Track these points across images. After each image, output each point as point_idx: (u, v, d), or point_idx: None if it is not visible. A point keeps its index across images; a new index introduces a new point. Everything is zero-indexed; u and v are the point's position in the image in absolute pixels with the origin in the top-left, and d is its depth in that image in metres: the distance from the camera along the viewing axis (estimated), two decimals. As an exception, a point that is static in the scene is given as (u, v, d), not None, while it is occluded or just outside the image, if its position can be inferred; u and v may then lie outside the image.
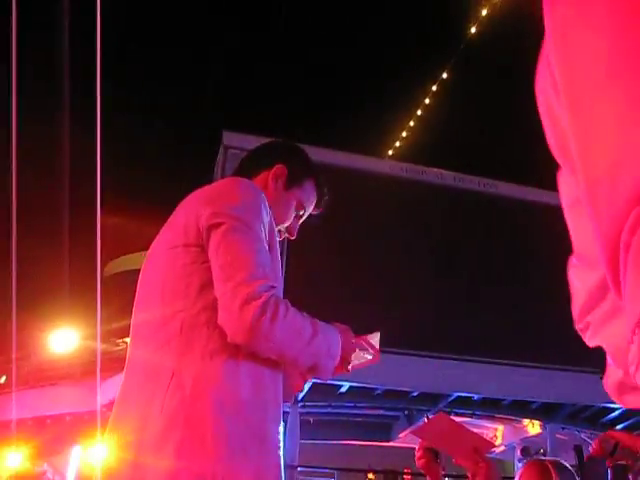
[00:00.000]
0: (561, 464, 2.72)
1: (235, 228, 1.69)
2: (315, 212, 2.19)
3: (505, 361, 10.47)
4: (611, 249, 0.63)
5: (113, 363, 13.40)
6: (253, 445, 1.60)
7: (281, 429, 1.69)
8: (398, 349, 9.81)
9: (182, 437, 1.53)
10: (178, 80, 18.16)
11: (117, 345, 16.05)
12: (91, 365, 13.29)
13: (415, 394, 10.62)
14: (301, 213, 2.11)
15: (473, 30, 13.70)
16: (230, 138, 10.68)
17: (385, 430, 12.44)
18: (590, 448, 2.60)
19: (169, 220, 1.89)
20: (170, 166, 19.48)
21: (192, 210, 1.76)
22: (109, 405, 11.13)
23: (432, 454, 2.45)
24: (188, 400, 1.56)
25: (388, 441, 12.45)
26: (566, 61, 0.69)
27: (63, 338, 14.90)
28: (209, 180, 10.94)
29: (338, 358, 1.78)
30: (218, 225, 1.69)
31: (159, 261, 1.80)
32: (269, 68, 18.99)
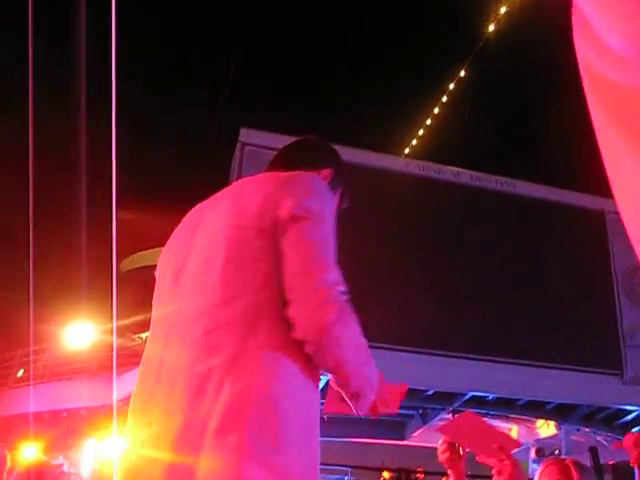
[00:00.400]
0: (581, 463, 2.70)
1: (316, 225, 1.70)
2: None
3: (521, 361, 10.43)
4: None
5: (129, 358, 13.48)
6: (303, 443, 1.59)
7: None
8: (413, 347, 9.81)
9: (251, 425, 1.50)
10: (195, 77, 18.21)
11: (133, 340, 16.14)
12: (107, 360, 13.37)
13: (430, 393, 10.60)
14: None
15: (491, 28, 13.63)
16: (247, 135, 10.71)
17: (399, 428, 12.43)
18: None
19: (227, 198, 1.85)
20: (186, 163, 19.54)
21: (270, 196, 1.73)
22: (125, 399, 11.19)
23: (455, 448, 2.45)
24: (256, 389, 1.53)
25: (402, 439, 12.44)
26: None
27: (80, 333, 15.01)
28: (225, 177, 10.96)
29: (374, 395, 1.78)
30: (300, 218, 1.68)
31: (218, 238, 1.75)
32: (287, 66, 19.00)
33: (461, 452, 2.47)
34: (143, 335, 16.32)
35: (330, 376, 1.73)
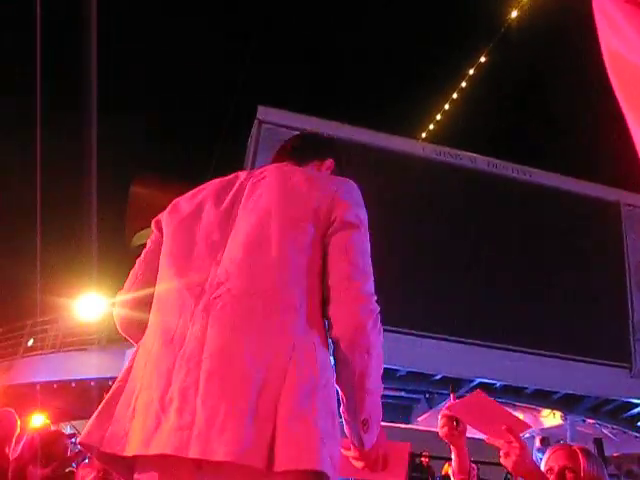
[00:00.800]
0: (588, 450, 2.70)
1: (364, 234, 1.80)
2: None
3: (529, 350, 10.43)
4: None
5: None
6: (340, 434, 1.64)
7: None
8: (423, 332, 9.82)
9: (317, 414, 1.54)
10: (213, 56, 18.17)
11: (143, 314, 16.23)
12: (117, 332, 13.43)
13: (438, 377, 10.62)
14: None
15: (513, 14, 13.51)
16: (265, 113, 10.70)
17: (406, 412, 12.47)
18: None
19: (273, 184, 1.88)
20: (202, 140, 19.54)
21: (326, 195, 1.80)
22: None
23: (453, 424, 2.45)
24: (318, 377, 1.59)
25: (408, 423, 12.48)
26: None
27: (91, 304, 15.08)
28: (242, 154, 10.97)
29: (375, 438, 1.81)
30: (353, 225, 1.77)
31: (272, 223, 1.77)
32: (307, 48, 18.93)
33: (460, 427, 2.47)
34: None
35: (345, 398, 1.75)
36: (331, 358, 1.68)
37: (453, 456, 2.56)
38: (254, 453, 1.47)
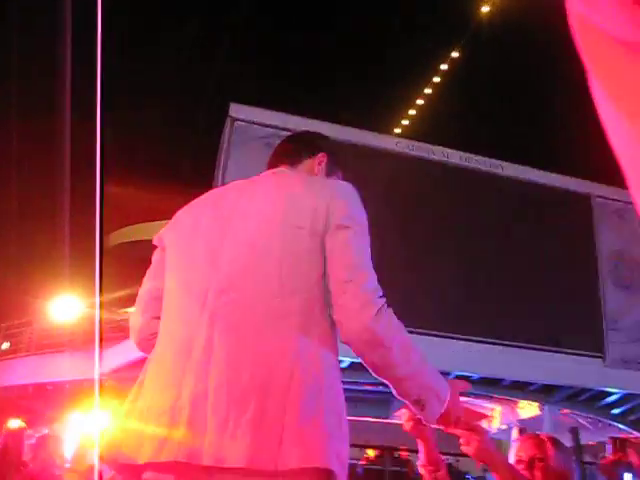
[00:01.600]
0: (557, 439, 2.75)
1: (361, 235, 1.85)
2: None
3: (505, 342, 10.52)
4: None
5: (114, 332, 13.48)
6: (348, 434, 1.68)
7: None
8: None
9: (324, 418, 1.58)
10: (185, 50, 18.07)
11: (119, 315, 16.13)
12: (92, 334, 13.35)
13: (414, 372, 10.65)
14: None
15: (484, 10, 13.60)
16: (237, 110, 10.67)
17: (384, 406, 12.51)
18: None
19: (271, 191, 1.93)
20: (176, 138, 19.46)
21: (322, 200, 1.84)
22: (109, 374, 11.11)
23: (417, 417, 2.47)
24: (322, 378, 1.63)
25: (387, 417, 12.53)
26: None
27: (66, 306, 14.98)
28: (215, 152, 10.93)
29: (445, 405, 1.85)
30: (348, 227, 1.81)
31: (272, 230, 1.82)
32: (276, 42, 18.89)
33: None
34: (129, 310, 16.31)
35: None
36: (338, 360, 1.72)
37: (420, 449, 2.59)
38: (264, 456, 1.51)
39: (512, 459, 2.71)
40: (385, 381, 1.79)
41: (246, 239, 1.82)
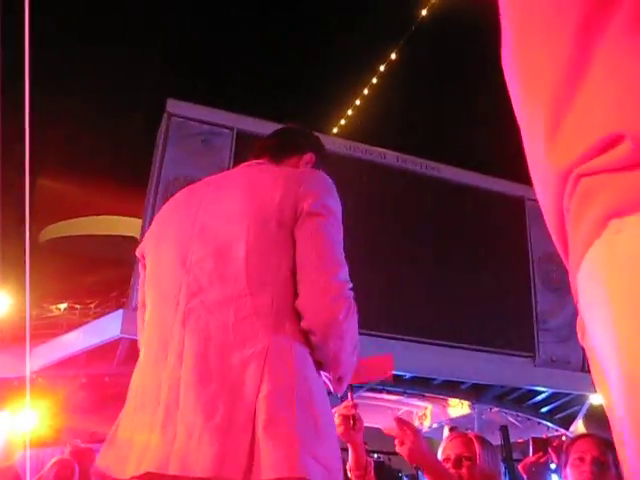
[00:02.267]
0: (484, 437, 2.79)
1: (332, 223, 1.78)
2: None
3: (437, 341, 10.66)
4: (557, 219, 0.68)
5: (45, 329, 13.20)
6: (332, 432, 1.65)
7: None
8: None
9: (297, 415, 1.51)
10: (124, 43, 17.83)
11: (50, 311, 15.81)
12: (22, 330, 13.06)
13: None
14: None
15: (424, 12, 13.74)
16: (174, 106, 10.57)
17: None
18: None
19: (239, 187, 1.87)
20: (112, 133, 19.17)
21: (289, 190, 1.77)
22: (39, 371, 10.85)
23: (349, 422, 2.49)
24: (294, 379, 1.56)
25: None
26: None
27: (-7, 302, 14.59)
28: (151, 148, 10.80)
29: (345, 387, 1.89)
30: (319, 215, 1.75)
31: (238, 228, 1.76)
32: (215, 39, 18.79)
33: (356, 425, 2.52)
34: (61, 306, 16.01)
35: (321, 365, 1.77)
36: (308, 351, 1.67)
37: (350, 453, 2.60)
38: (232, 466, 1.45)
39: (440, 457, 2.74)
40: (321, 362, 1.74)
41: (213, 238, 1.78)
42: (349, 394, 2.62)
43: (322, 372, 1.77)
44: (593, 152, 0.60)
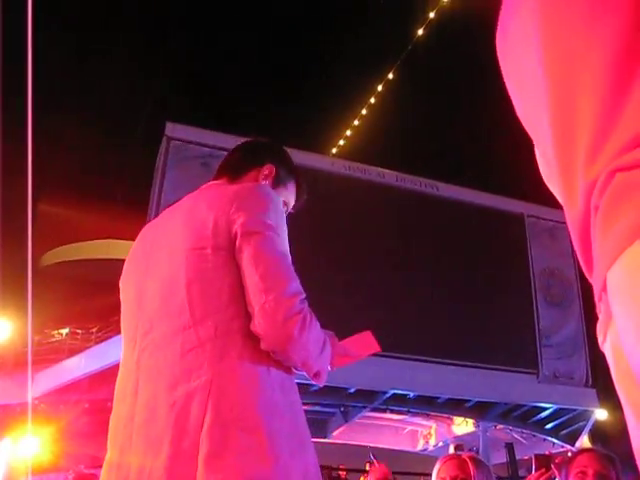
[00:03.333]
0: (478, 458, 2.77)
1: (271, 238, 1.72)
2: (292, 212, 2.26)
3: (441, 360, 10.62)
4: (582, 220, 0.64)
5: (47, 354, 13.17)
6: (295, 445, 1.61)
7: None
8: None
9: (240, 444, 1.50)
10: (120, 70, 17.92)
11: (52, 336, 15.77)
12: (24, 356, 13.03)
13: (352, 391, 10.69)
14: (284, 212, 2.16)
15: (420, 32, 13.83)
16: (173, 129, 10.60)
17: (321, 426, 12.49)
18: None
19: (180, 217, 1.85)
20: (112, 158, 19.22)
21: (222, 212, 1.73)
22: (41, 397, 10.79)
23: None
24: (238, 407, 1.54)
25: (324, 437, 12.51)
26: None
27: (-5, 328, 14.56)
28: (150, 172, 10.83)
29: (330, 362, 1.87)
30: (255, 233, 1.70)
31: (178, 260, 1.74)
32: (212, 64, 18.89)
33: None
34: (63, 331, 15.97)
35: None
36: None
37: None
38: None
39: (435, 479, 2.73)
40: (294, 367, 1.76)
41: (159, 274, 1.78)
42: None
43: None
44: (630, 145, 0.57)
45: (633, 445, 0.63)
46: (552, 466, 2.65)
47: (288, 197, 2.19)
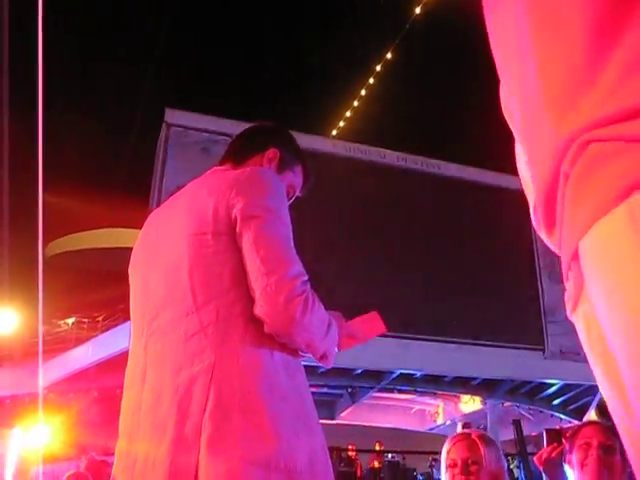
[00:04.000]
0: (488, 437, 2.77)
1: (272, 221, 1.73)
2: (300, 196, 2.26)
3: (446, 338, 10.64)
4: (550, 183, 0.65)
5: (54, 344, 13.23)
6: (301, 427, 1.63)
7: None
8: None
9: (242, 427, 1.51)
10: (120, 58, 17.87)
11: (58, 326, 15.83)
12: (32, 346, 13.09)
13: (359, 372, 10.74)
14: (290, 196, 2.15)
15: (418, 11, 13.76)
16: (173, 115, 10.57)
17: (329, 407, 12.56)
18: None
19: (183, 204, 1.86)
20: (112, 145, 19.21)
21: (221, 198, 1.74)
22: (50, 387, 10.84)
23: None
24: (240, 390, 1.55)
25: (332, 419, 12.57)
26: None
27: (3, 319, 14.62)
28: (151, 159, 10.82)
29: (337, 343, 1.89)
30: (254, 217, 1.70)
31: (181, 247, 1.76)
32: (212, 47, 18.83)
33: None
34: (69, 320, 16.04)
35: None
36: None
37: None
38: None
39: (444, 461, 2.73)
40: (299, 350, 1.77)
41: (164, 261, 1.80)
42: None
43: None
44: (609, 120, 0.58)
45: (609, 407, 0.65)
46: (563, 440, 2.67)
47: (295, 181, 2.19)
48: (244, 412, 1.54)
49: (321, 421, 1.77)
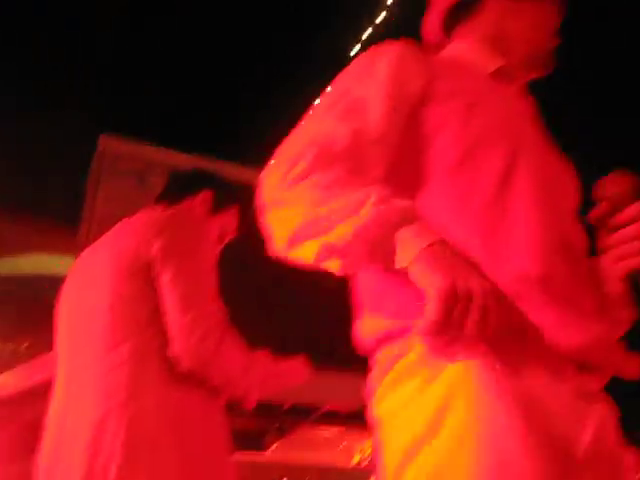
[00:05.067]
0: None
1: (189, 261, 1.76)
2: (238, 234, 2.28)
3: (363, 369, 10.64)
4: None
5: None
6: (209, 471, 1.69)
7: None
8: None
9: (152, 463, 1.51)
10: (53, 76, 17.64)
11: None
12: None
13: (286, 407, 10.68)
14: (224, 237, 2.16)
15: (381, 17, 13.94)
16: (107, 143, 10.41)
17: (257, 442, 12.44)
18: None
19: (108, 242, 1.86)
20: (41, 168, 18.88)
21: (142, 238, 1.79)
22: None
23: None
24: (152, 428, 1.55)
25: (263, 452, 12.47)
26: None
27: None
28: (82, 185, 10.63)
29: (256, 384, 1.92)
30: (171, 257, 1.74)
31: (101, 284, 1.76)
32: (161, 70, 18.74)
33: None
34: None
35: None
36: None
37: None
38: None
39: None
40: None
41: (87, 300, 1.82)
42: None
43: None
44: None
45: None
46: None
47: (229, 221, 2.21)
48: (154, 449, 1.54)
49: (249, 454, 1.80)
